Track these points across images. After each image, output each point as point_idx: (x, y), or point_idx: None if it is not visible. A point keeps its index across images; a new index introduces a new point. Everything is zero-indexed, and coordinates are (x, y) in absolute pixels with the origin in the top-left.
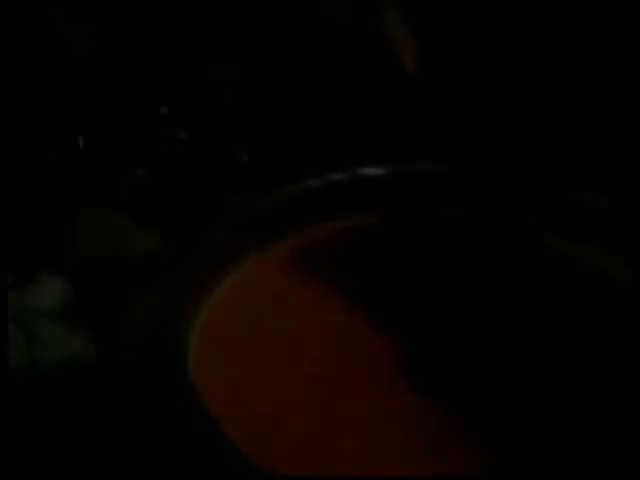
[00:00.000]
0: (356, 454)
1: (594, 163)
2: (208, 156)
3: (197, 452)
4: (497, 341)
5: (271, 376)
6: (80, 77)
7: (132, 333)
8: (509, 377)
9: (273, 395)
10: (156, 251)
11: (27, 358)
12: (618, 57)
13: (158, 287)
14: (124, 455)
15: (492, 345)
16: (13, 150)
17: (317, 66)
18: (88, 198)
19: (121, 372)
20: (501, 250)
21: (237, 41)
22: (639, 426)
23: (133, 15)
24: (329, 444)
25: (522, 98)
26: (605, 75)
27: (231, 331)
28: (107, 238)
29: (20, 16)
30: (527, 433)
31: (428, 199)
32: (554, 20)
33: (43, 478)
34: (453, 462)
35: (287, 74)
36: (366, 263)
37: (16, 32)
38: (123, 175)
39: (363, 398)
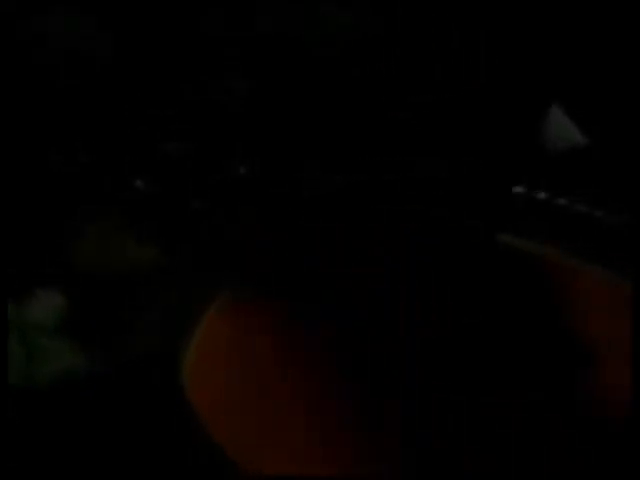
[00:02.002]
0: (338, 456)
1: (594, 165)
2: (206, 166)
3: (187, 455)
4: (496, 341)
5: (258, 384)
6: (80, 77)
7: (129, 345)
8: (507, 377)
9: (259, 403)
10: (153, 263)
11: (25, 371)
12: (619, 56)
13: (154, 300)
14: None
15: (491, 345)
16: (13, 150)
17: (317, 66)
18: (88, 198)
19: (118, 382)
20: (498, 250)
21: (237, 41)
22: (636, 425)
23: (133, 16)
24: (311, 448)
25: (521, 98)
26: (606, 73)
27: (223, 343)
28: (103, 251)
29: (20, 16)
30: (526, 434)
31: (428, 199)
32: (554, 20)
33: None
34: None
35: (287, 74)
36: (364, 265)
37: (16, 32)
38: (121, 184)
39: (349, 406)
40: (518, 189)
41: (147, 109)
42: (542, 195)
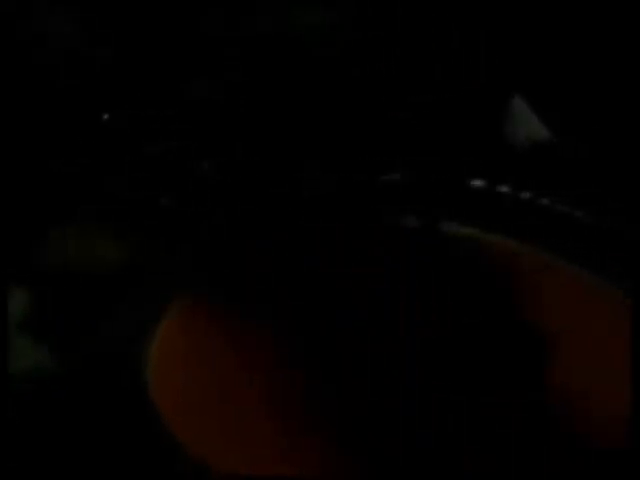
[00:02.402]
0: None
1: (560, 161)
2: (204, 165)
3: (150, 455)
4: (496, 342)
5: (218, 388)
6: (80, 77)
7: (92, 345)
8: (506, 377)
9: (220, 406)
10: (122, 263)
11: None
12: (619, 57)
13: (123, 300)
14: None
15: (490, 345)
16: (12, 151)
17: (317, 66)
18: (87, 198)
19: (82, 383)
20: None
21: (237, 41)
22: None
23: (133, 15)
24: (274, 451)
25: (485, 93)
26: (607, 75)
27: (181, 345)
28: (74, 250)
29: (20, 16)
30: (525, 434)
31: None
32: (555, 20)
33: None
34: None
35: (287, 74)
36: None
37: (16, 32)
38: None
39: (315, 409)
40: (479, 184)
41: (147, 109)
42: (507, 191)
